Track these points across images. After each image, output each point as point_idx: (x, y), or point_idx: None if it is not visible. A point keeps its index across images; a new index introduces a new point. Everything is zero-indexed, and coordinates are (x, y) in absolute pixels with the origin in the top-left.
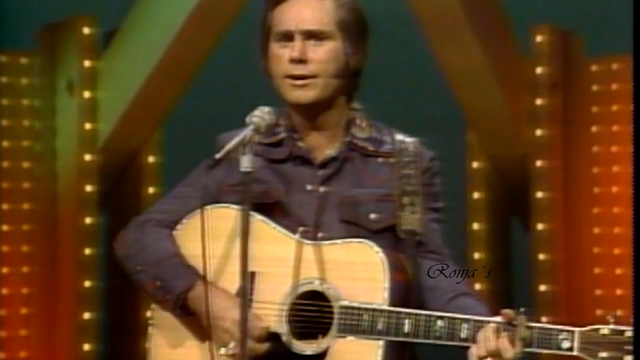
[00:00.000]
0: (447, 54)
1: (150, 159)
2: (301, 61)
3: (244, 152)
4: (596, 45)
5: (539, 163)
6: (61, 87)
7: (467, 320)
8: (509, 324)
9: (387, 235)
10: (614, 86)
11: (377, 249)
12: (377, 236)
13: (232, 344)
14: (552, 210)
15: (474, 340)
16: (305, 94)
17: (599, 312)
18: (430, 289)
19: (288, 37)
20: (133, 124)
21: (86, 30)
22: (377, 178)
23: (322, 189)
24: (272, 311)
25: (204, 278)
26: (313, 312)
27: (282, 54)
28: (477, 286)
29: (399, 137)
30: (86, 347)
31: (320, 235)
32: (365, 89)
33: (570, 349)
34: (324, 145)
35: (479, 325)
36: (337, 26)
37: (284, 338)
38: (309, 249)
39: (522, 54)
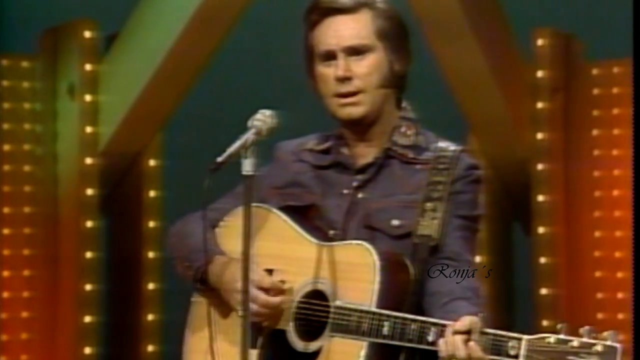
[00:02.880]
0: (448, 58)
1: (152, 163)
2: (346, 78)
3: (246, 156)
4: (597, 48)
5: (540, 167)
6: (62, 90)
7: (435, 324)
8: (467, 332)
9: (407, 241)
10: (615, 90)
11: (372, 250)
12: (398, 242)
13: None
14: (553, 214)
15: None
16: (356, 110)
17: (600, 315)
18: (432, 295)
19: (331, 56)
20: (134, 128)
21: (87, 34)
22: (409, 185)
23: (357, 194)
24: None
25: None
26: (314, 311)
27: (327, 74)
28: None
29: (443, 144)
30: (87, 350)
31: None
32: None
33: (516, 356)
34: (367, 153)
35: (444, 330)
36: (376, 36)
37: (287, 335)
38: (321, 249)
39: (523, 58)
